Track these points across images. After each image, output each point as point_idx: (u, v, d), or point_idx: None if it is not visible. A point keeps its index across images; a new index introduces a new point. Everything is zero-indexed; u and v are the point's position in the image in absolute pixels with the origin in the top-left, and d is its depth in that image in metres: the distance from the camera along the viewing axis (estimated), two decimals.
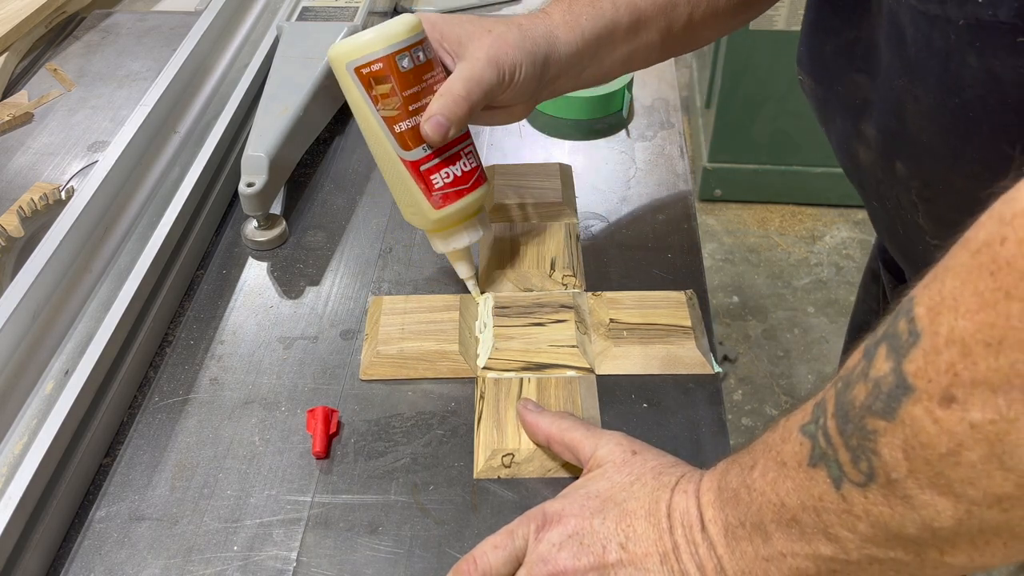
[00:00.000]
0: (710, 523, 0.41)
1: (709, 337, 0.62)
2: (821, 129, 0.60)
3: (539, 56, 0.57)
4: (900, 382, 0.30)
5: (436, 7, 1.05)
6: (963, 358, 0.28)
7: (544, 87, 0.60)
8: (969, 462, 0.29)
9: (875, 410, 0.32)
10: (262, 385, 0.60)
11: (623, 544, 0.43)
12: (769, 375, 1.83)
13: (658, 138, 0.83)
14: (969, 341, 0.28)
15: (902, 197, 0.52)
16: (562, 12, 0.59)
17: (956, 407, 0.29)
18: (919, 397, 0.30)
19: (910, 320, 0.30)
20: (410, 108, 0.55)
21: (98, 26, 1.03)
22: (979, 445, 0.28)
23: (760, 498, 0.38)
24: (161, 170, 0.72)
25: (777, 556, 0.38)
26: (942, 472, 0.30)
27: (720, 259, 2.09)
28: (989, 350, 0.27)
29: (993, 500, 0.29)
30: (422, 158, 0.56)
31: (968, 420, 0.28)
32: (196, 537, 0.51)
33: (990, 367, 0.28)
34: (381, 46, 0.53)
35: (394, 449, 0.56)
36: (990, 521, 0.30)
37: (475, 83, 0.54)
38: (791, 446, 0.37)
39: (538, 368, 0.59)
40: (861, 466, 0.33)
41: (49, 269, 0.58)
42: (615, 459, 0.48)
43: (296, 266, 0.70)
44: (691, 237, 0.71)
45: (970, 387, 0.28)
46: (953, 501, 0.30)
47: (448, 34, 0.57)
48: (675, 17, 0.61)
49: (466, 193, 0.58)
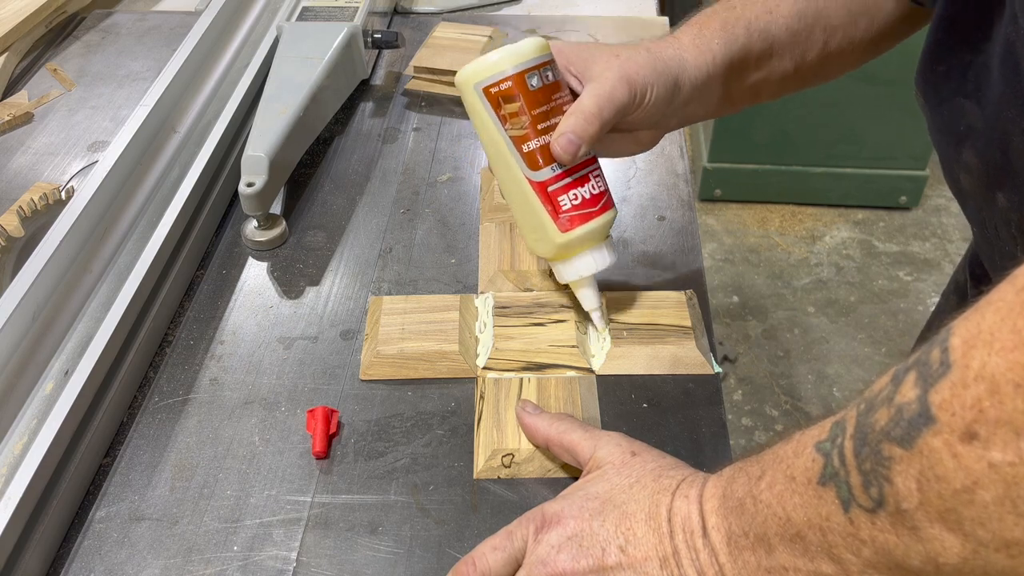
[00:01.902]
0: (713, 530, 0.41)
1: (709, 337, 0.62)
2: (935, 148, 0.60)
3: (669, 77, 0.56)
4: (923, 411, 0.30)
5: (438, 7, 1.05)
6: (991, 395, 0.28)
7: (674, 112, 0.58)
8: (983, 502, 0.28)
9: (893, 436, 0.31)
10: (262, 385, 0.60)
11: (622, 547, 0.43)
12: (769, 375, 1.83)
13: None
14: (999, 379, 0.27)
15: (1001, 229, 0.51)
16: (692, 36, 0.58)
17: (977, 444, 0.28)
18: (940, 429, 0.29)
19: (944, 350, 0.30)
20: (539, 127, 0.54)
21: (98, 26, 1.03)
22: (995, 486, 0.28)
23: (766, 510, 0.38)
24: (161, 170, 0.72)
25: (779, 569, 0.37)
26: (954, 508, 0.29)
27: (720, 259, 2.09)
28: (1018, 391, 0.27)
29: (1002, 544, 0.29)
30: (550, 179, 0.55)
31: (987, 459, 0.28)
32: (196, 537, 0.51)
33: (1016, 408, 0.27)
34: (510, 64, 0.53)
35: (394, 449, 0.56)
36: (995, 564, 0.29)
37: (606, 100, 0.53)
38: (803, 461, 0.36)
39: (538, 368, 0.59)
40: (872, 491, 0.32)
41: (49, 269, 0.58)
42: (615, 460, 0.48)
43: (296, 266, 0.70)
44: (691, 237, 0.71)
45: (994, 426, 0.28)
46: (961, 539, 0.30)
47: (574, 58, 0.56)
48: (809, 46, 0.60)
49: (594, 216, 0.56)
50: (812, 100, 1.98)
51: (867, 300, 1.99)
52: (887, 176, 2.13)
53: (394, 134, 0.84)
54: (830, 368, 1.84)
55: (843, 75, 0.65)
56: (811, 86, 0.65)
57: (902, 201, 2.18)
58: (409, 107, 0.88)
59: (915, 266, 2.07)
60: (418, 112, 0.87)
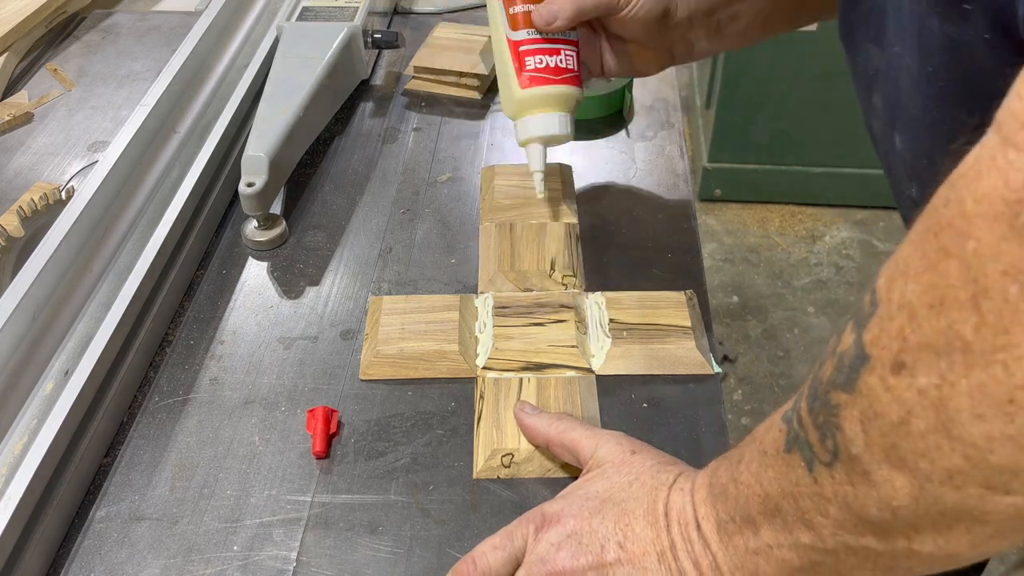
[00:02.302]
0: (703, 520, 0.41)
1: (709, 337, 0.62)
2: None
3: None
4: (859, 352, 0.30)
5: (438, 7, 1.05)
6: (910, 322, 0.28)
7: (674, 28, 0.62)
8: (919, 432, 0.28)
9: (838, 383, 0.32)
10: (262, 385, 0.60)
11: (621, 543, 0.43)
12: (769, 375, 1.83)
13: (658, 138, 0.83)
14: (916, 303, 0.28)
15: (899, 172, 0.52)
16: None
17: (905, 373, 0.28)
18: (874, 366, 0.30)
19: (872, 291, 0.30)
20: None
21: (98, 26, 1.03)
22: (926, 412, 0.28)
23: (747, 490, 0.38)
24: (161, 170, 0.72)
25: (765, 548, 0.38)
26: (895, 444, 0.29)
27: (720, 259, 2.09)
28: (932, 311, 0.27)
29: (945, 475, 0.29)
30: (524, 40, 0.62)
31: (916, 386, 0.28)
32: (196, 537, 0.51)
33: (933, 328, 0.27)
34: None
35: (394, 449, 0.56)
36: (946, 500, 0.29)
37: None
38: (772, 434, 0.37)
39: (538, 368, 0.59)
40: (827, 443, 0.33)
41: (49, 269, 0.58)
42: (614, 459, 0.48)
43: (296, 266, 0.70)
44: (691, 237, 0.71)
45: (917, 351, 0.28)
46: (908, 476, 0.30)
47: None
48: None
49: (553, 83, 0.62)
50: (812, 100, 1.98)
51: None
52: None
53: (394, 134, 0.84)
54: None
55: None
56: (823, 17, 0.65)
57: None
58: (409, 107, 0.88)
59: None
60: (418, 112, 0.87)
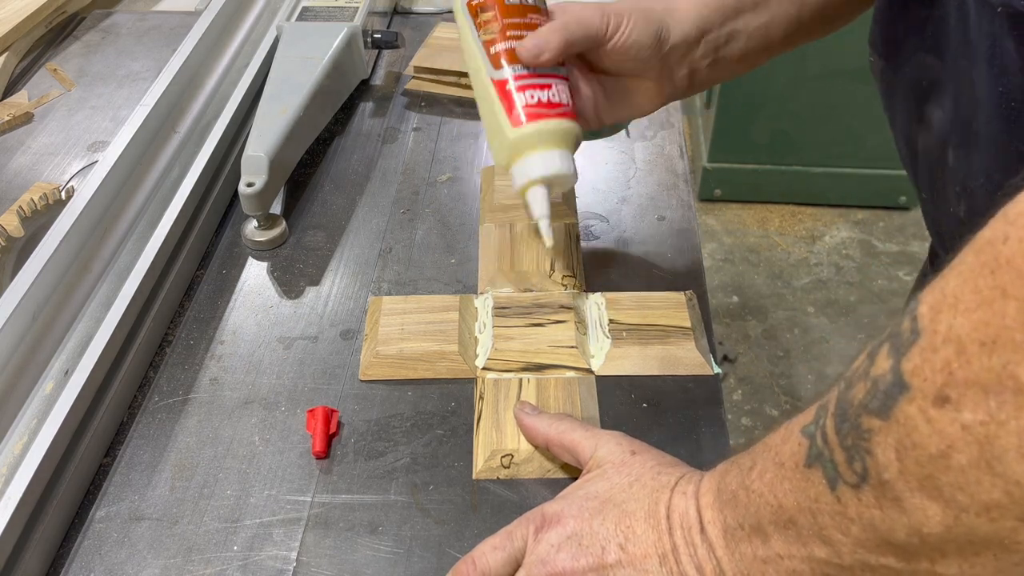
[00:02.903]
0: (709, 524, 0.41)
1: (709, 337, 0.62)
2: (885, 115, 0.59)
3: (653, 15, 0.57)
4: (897, 380, 0.30)
5: (438, 7, 1.05)
6: (958, 357, 0.28)
7: (669, 54, 0.59)
8: (959, 465, 0.28)
9: (871, 408, 0.31)
10: (262, 385, 0.60)
11: (622, 545, 0.43)
12: (769, 375, 1.83)
13: (658, 138, 0.83)
14: (965, 340, 0.28)
15: (948, 189, 0.51)
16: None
17: (949, 407, 0.28)
18: (914, 396, 0.29)
19: (913, 319, 0.30)
20: (507, 35, 0.57)
21: (98, 26, 1.03)
22: (969, 448, 0.28)
23: (758, 499, 0.38)
24: (161, 170, 0.72)
25: (775, 558, 0.37)
26: (932, 475, 0.29)
27: (720, 259, 2.09)
28: (983, 349, 0.27)
29: (982, 508, 0.28)
30: (510, 77, 0.57)
31: (960, 421, 0.28)
32: (196, 537, 0.51)
33: (983, 367, 0.27)
34: None
35: (394, 449, 0.56)
36: (979, 531, 0.29)
37: (574, 19, 0.56)
38: (790, 446, 0.37)
39: (537, 369, 0.59)
40: (855, 466, 0.32)
41: (49, 269, 0.58)
42: (614, 460, 0.48)
43: (296, 266, 0.70)
44: (691, 237, 0.71)
45: (963, 387, 0.28)
46: (942, 506, 0.29)
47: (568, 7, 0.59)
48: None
49: (550, 117, 0.56)
50: (812, 100, 1.98)
51: (867, 300, 1.99)
52: (887, 176, 2.13)
53: (394, 134, 0.84)
54: (830, 368, 1.84)
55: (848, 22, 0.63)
56: (821, 33, 0.64)
57: (902, 201, 2.18)
58: (409, 107, 0.88)
59: (915, 266, 2.06)
60: (418, 112, 0.87)
